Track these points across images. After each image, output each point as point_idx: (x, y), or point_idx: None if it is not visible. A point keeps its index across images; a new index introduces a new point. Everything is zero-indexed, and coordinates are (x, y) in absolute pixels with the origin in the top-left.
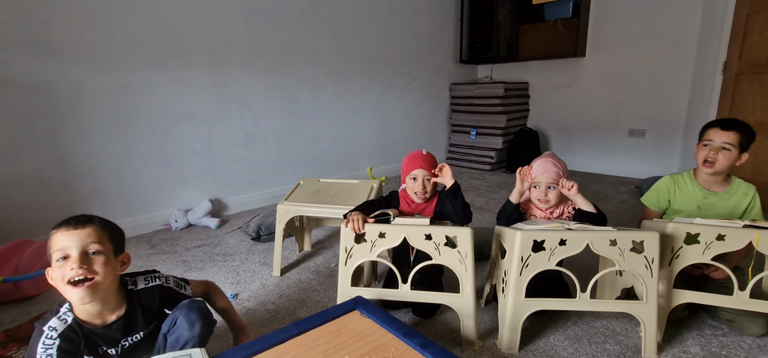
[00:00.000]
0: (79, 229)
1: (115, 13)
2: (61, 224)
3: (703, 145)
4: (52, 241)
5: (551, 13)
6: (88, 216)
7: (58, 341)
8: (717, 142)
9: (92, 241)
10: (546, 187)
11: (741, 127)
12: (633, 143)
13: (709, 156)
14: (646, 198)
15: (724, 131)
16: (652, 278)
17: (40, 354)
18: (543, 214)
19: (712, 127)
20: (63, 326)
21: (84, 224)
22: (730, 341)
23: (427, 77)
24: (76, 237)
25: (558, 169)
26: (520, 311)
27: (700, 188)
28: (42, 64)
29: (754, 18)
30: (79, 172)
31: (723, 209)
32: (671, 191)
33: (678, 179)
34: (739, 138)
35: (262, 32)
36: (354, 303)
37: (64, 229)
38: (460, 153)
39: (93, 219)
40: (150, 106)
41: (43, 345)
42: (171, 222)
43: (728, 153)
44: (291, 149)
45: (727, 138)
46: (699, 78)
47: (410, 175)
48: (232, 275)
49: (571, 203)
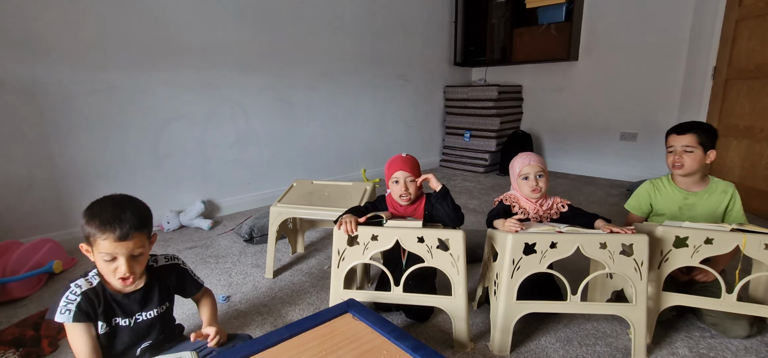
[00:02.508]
0: (128, 241)
1: (106, 14)
2: (105, 227)
3: (669, 151)
4: (98, 243)
5: (544, 17)
6: (129, 216)
7: (80, 299)
8: (678, 147)
9: (137, 247)
10: (535, 175)
11: (696, 129)
12: (624, 146)
13: (675, 161)
14: (629, 204)
15: (681, 136)
16: (641, 281)
17: (62, 305)
18: (533, 206)
19: (671, 133)
20: (88, 286)
21: (131, 236)
22: (717, 343)
23: (421, 79)
24: (124, 247)
25: (542, 160)
26: (511, 314)
27: (679, 190)
28: (32, 65)
29: (743, 24)
30: (69, 173)
31: (703, 207)
32: (652, 195)
33: (657, 183)
34: (697, 138)
35: (256, 33)
36: (346, 306)
37: (113, 238)
38: (454, 155)
39: (135, 222)
40: (142, 106)
41: (66, 299)
42: (163, 223)
43: (692, 154)
44: (284, 151)
45: (685, 141)
46: (689, 83)
47: (392, 179)
48: (224, 276)
49: (560, 199)
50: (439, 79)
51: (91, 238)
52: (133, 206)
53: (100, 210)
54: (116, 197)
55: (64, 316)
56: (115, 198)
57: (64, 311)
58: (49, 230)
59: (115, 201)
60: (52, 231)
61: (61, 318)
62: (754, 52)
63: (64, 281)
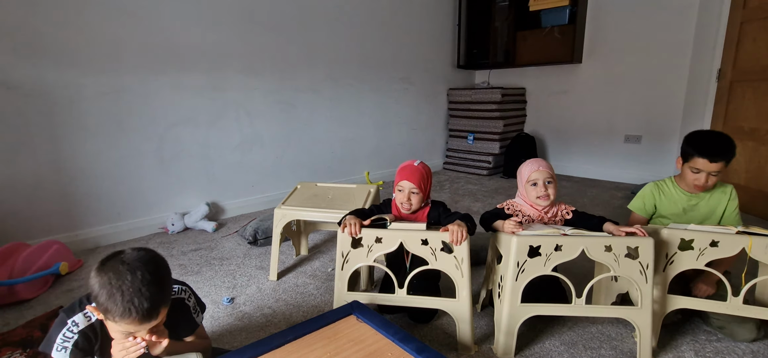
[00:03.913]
0: (151, 321)
1: (113, 18)
2: (125, 314)
3: (693, 170)
4: (120, 325)
5: (548, 19)
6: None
7: (77, 337)
8: (705, 172)
9: (157, 321)
10: (544, 182)
11: (726, 155)
12: (629, 149)
13: (697, 183)
14: (633, 204)
15: (712, 164)
16: (646, 284)
17: (58, 342)
18: (538, 213)
19: (700, 156)
20: (86, 323)
21: (153, 316)
22: (724, 346)
23: (424, 82)
24: (145, 326)
25: (550, 167)
26: (516, 317)
27: (683, 192)
28: (39, 68)
29: (747, 26)
30: (76, 175)
31: (705, 208)
32: (656, 196)
33: (661, 185)
34: (726, 164)
35: (260, 37)
36: (350, 308)
37: (137, 321)
38: (458, 158)
39: (156, 302)
40: (147, 109)
41: (63, 337)
42: (168, 225)
43: (717, 177)
44: (288, 153)
45: (716, 168)
46: (694, 85)
47: (397, 187)
48: (228, 279)
49: (565, 205)
50: (443, 81)
51: (106, 314)
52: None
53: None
54: (134, 266)
55: (59, 354)
56: (133, 267)
57: (59, 349)
58: (55, 231)
59: (133, 272)
60: (58, 233)
61: (57, 355)
62: (759, 54)
63: (70, 283)
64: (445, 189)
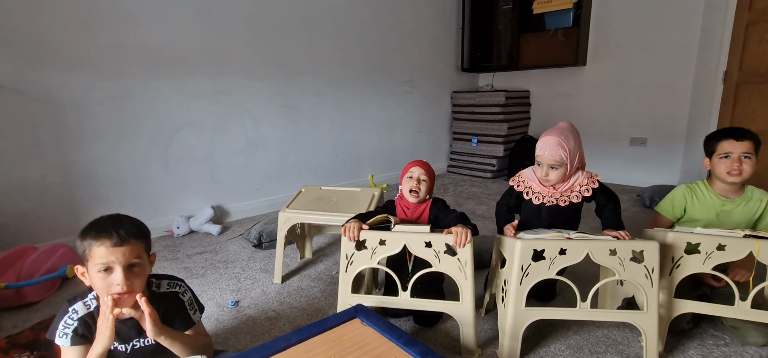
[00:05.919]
0: (124, 246)
1: (118, 22)
2: (101, 233)
3: (721, 157)
4: (94, 253)
5: (552, 22)
6: (125, 225)
7: (76, 324)
8: (736, 153)
9: (134, 257)
10: (548, 167)
11: (752, 135)
12: (634, 152)
13: (733, 168)
14: (661, 206)
15: (739, 142)
16: (652, 288)
17: (60, 328)
18: (546, 189)
19: (725, 138)
20: (85, 311)
21: (127, 241)
22: (731, 351)
23: (428, 85)
24: (120, 253)
25: (564, 152)
26: (520, 320)
27: (717, 196)
28: (46, 73)
29: (753, 28)
30: (83, 179)
31: (740, 215)
32: (688, 199)
33: (694, 188)
34: (754, 145)
35: (265, 41)
36: (354, 311)
37: (109, 244)
38: (462, 161)
39: (132, 230)
40: (153, 113)
41: (64, 323)
42: (173, 229)
43: (750, 161)
44: (293, 157)
45: (745, 148)
46: (699, 87)
47: (407, 175)
48: (233, 282)
49: (589, 177)
50: (447, 84)
51: (87, 251)
52: (129, 218)
53: (95, 222)
54: (113, 214)
55: (62, 340)
56: (111, 214)
57: (61, 335)
58: (62, 235)
59: (112, 215)
60: (65, 236)
61: (59, 341)
62: (766, 56)
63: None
64: (449, 192)
